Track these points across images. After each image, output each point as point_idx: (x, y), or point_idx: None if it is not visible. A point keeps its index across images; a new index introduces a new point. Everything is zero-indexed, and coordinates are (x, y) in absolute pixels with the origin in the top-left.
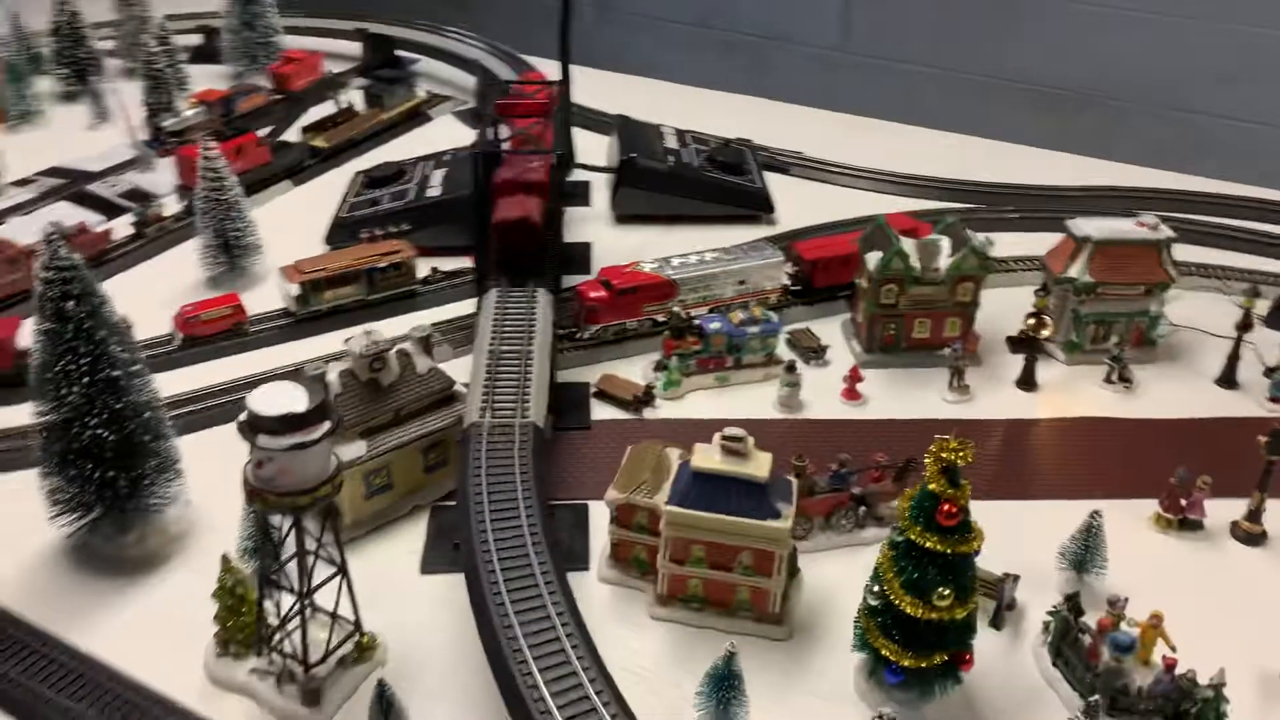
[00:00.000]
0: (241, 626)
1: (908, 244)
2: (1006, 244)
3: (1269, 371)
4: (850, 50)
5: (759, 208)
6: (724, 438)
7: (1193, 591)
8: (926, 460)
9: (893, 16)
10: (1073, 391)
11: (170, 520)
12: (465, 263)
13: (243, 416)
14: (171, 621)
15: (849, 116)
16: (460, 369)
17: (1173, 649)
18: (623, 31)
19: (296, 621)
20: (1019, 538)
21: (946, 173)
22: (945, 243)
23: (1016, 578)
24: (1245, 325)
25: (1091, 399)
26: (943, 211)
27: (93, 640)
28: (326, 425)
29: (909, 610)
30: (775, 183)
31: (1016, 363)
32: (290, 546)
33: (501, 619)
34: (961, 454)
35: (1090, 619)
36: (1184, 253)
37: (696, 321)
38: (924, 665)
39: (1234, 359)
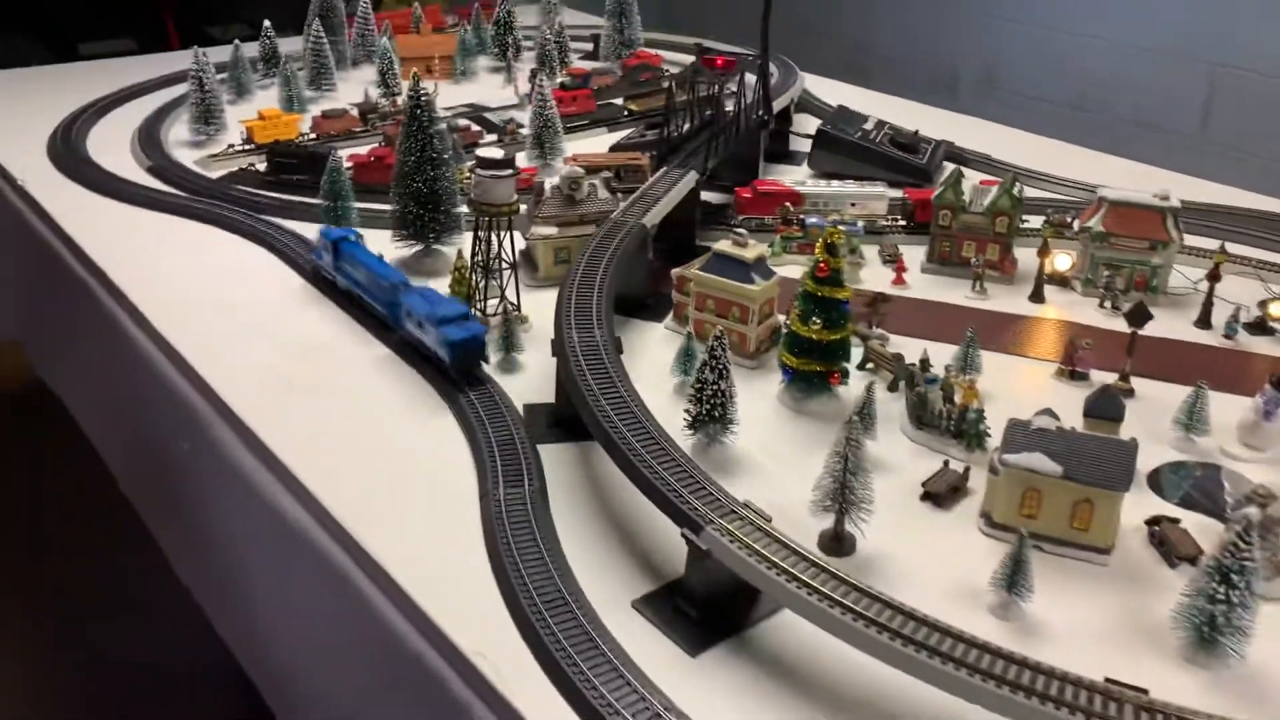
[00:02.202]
0: (460, 293)
1: (965, 184)
2: None
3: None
4: (1206, 139)
5: (919, 177)
6: (733, 233)
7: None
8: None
9: (1257, 112)
10: (1071, 307)
11: (444, 255)
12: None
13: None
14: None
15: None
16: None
17: (978, 401)
18: (1001, 108)
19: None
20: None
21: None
22: (995, 188)
23: (930, 373)
24: (1213, 276)
25: (1082, 313)
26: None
27: None
28: (510, 171)
29: (796, 329)
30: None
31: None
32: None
33: (566, 323)
34: (835, 236)
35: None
36: None
37: (803, 218)
38: (803, 369)
39: (1208, 304)
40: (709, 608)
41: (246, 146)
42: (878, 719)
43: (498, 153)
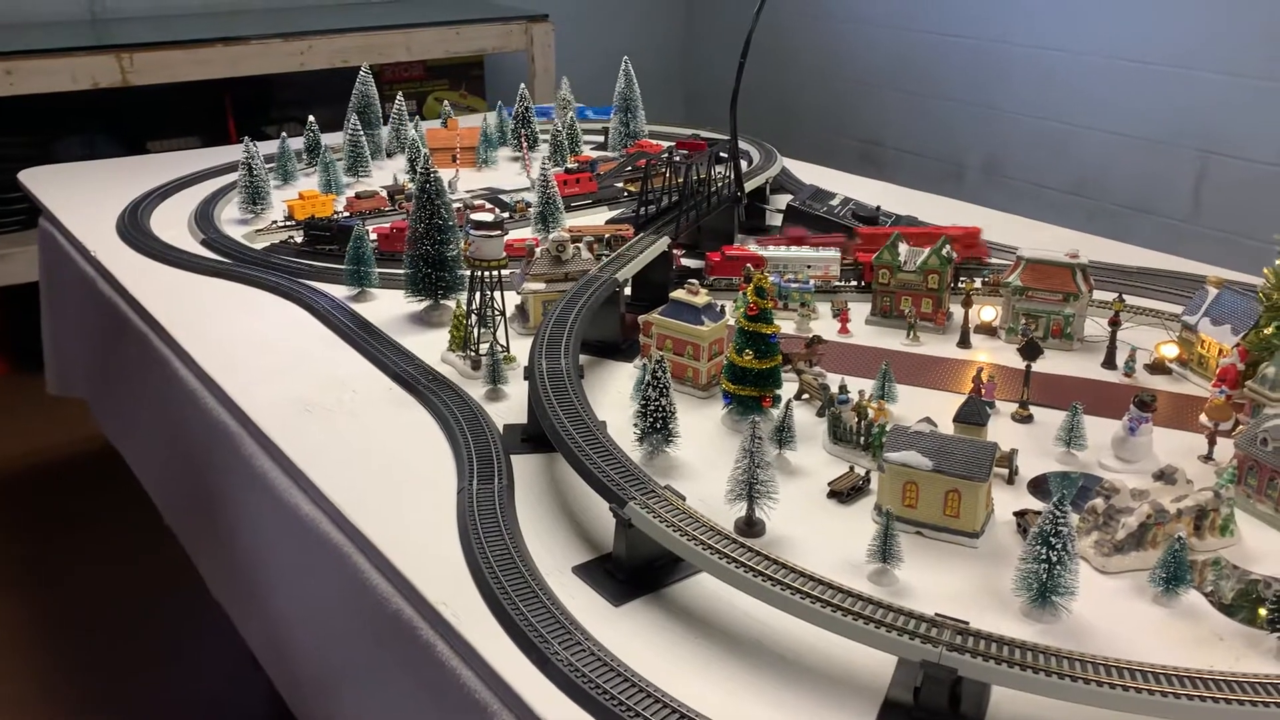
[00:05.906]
0: (458, 337)
1: (902, 247)
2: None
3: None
4: (1198, 223)
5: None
6: (686, 283)
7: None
8: (748, 285)
9: (1245, 195)
10: (994, 352)
11: (450, 309)
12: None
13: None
14: (440, 339)
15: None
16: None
17: (886, 419)
18: (1004, 195)
19: (477, 334)
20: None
21: None
22: (927, 250)
23: (844, 394)
24: (1114, 321)
25: (1003, 357)
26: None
27: (406, 341)
28: (499, 231)
29: (732, 359)
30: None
31: (974, 336)
32: (484, 297)
33: (538, 353)
34: (763, 279)
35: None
36: None
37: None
38: (740, 394)
39: (1111, 347)
40: (632, 571)
41: (288, 222)
42: (760, 651)
43: (491, 216)
